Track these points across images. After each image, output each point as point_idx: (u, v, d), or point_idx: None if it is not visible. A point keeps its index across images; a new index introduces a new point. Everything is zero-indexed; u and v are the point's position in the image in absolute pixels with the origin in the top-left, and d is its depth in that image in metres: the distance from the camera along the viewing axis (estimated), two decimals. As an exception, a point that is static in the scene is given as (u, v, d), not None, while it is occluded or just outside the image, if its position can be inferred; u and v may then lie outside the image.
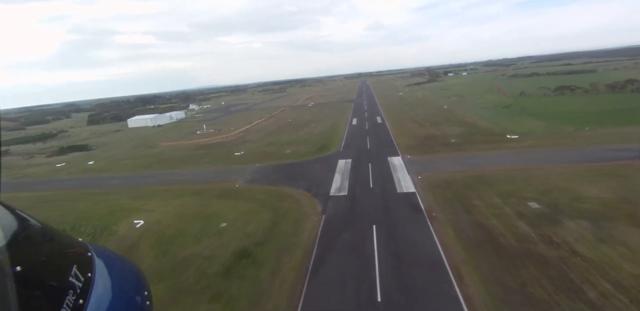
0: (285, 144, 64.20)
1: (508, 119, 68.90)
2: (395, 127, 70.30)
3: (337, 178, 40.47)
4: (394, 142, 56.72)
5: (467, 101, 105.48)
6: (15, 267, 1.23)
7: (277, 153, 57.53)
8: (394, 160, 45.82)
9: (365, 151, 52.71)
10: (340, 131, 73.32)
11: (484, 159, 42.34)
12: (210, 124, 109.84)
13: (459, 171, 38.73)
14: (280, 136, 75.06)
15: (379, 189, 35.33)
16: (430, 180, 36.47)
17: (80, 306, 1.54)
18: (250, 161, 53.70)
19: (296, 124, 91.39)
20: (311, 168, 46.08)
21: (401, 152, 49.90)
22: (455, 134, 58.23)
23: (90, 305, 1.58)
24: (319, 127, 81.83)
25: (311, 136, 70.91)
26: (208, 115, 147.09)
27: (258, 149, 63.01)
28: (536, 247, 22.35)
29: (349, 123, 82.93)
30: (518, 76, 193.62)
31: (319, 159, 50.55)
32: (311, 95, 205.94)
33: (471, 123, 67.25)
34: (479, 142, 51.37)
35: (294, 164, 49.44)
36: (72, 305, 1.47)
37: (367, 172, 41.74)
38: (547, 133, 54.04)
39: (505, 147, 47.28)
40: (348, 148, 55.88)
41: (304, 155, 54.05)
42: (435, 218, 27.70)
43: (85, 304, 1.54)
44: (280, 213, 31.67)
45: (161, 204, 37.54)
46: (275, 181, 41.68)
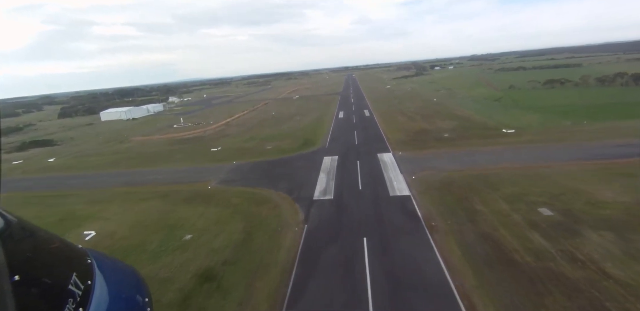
0: (267, 139, 59.44)
1: (501, 112, 65.86)
2: (385, 121, 66.34)
3: (322, 178, 36.21)
4: (383, 137, 52.75)
5: (456, 94, 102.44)
6: (13, 276, 1.21)
7: (258, 149, 52.80)
8: (384, 157, 41.83)
9: (353, 147, 48.55)
10: (326, 124, 68.92)
11: (483, 156, 38.77)
12: (189, 118, 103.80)
13: (456, 169, 35.01)
14: (261, 130, 70.14)
15: (369, 192, 31.27)
16: (425, 181, 32.62)
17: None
18: (228, 158, 48.85)
19: (279, 117, 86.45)
20: (294, 166, 41.66)
21: (392, 148, 45.96)
22: (449, 129, 54.65)
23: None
24: (303, 120, 77.17)
25: (295, 130, 66.27)
26: (188, 108, 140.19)
27: (237, 144, 58.07)
28: (558, 266, 18.70)
29: (335, 116, 78.56)
30: (504, 69, 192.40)
31: (303, 156, 46.14)
32: (296, 88, 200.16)
33: (463, 117, 63.87)
34: (474, 137, 47.87)
35: (275, 161, 44.88)
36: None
37: (356, 171, 37.63)
38: (544, 127, 51.01)
39: (503, 143, 43.89)
40: (334, 144, 51.61)
41: (286, 151, 49.50)
42: (436, 228, 23.82)
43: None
44: (256, 222, 27.25)
45: (120, 210, 32.54)
46: (253, 182, 37.13)
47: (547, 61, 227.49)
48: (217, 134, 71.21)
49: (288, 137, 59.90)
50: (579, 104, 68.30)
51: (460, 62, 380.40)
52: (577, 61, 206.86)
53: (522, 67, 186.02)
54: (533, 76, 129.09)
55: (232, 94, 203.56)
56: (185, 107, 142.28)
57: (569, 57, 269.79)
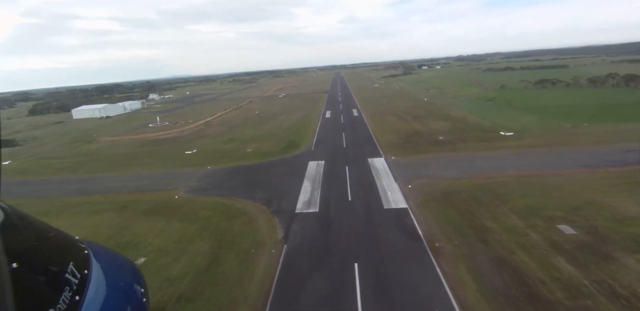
0: (248, 141, 54.75)
1: (496, 113, 62.84)
2: (374, 122, 62.46)
3: (306, 186, 31.91)
4: (374, 140, 48.79)
5: (447, 93, 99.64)
6: (11, 264, 1.23)
7: (237, 152, 48.09)
8: (375, 162, 37.82)
9: (341, 150, 44.40)
10: (312, 125, 64.60)
11: (484, 162, 35.17)
12: (167, 116, 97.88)
13: (457, 177, 31.25)
14: (243, 130, 65.31)
15: (360, 204, 27.15)
16: (424, 191, 28.70)
17: (76, 303, 1.54)
18: (203, 161, 44.03)
19: (263, 116, 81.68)
20: (275, 172, 37.22)
21: (384, 152, 42.00)
22: (443, 130, 51.10)
23: (87, 302, 1.57)
24: (288, 120, 72.63)
25: (279, 130, 61.73)
26: (168, 105, 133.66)
27: (215, 146, 53.18)
28: (598, 305, 14.95)
29: (322, 116, 74.32)
30: (492, 70, 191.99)
31: (286, 161, 41.73)
32: (283, 86, 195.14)
33: (458, 117, 60.56)
34: (471, 140, 44.38)
35: (255, 166, 40.34)
36: (68, 301, 1.46)
37: (344, 178, 33.47)
38: (545, 130, 47.95)
39: (504, 147, 40.48)
40: (321, 146, 47.35)
41: (268, 155, 44.99)
42: (441, 250, 19.85)
43: (81, 300, 1.53)
44: (226, 241, 22.78)
45: (67, 225, 27.45)
46: (227, 191, 32.54)
47: (532, 62, 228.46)
48: (195, 134, 66.02)
49: (271, 138, 55.34)
50: (575, 104, 65.95)
51: (447, 62, 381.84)
52: (562, 62, 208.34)
53: (510, 68, 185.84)
54: (522, 76, 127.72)
55: (217, 91, 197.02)
56: (165, 105, 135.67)
57: (553, 58, 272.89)
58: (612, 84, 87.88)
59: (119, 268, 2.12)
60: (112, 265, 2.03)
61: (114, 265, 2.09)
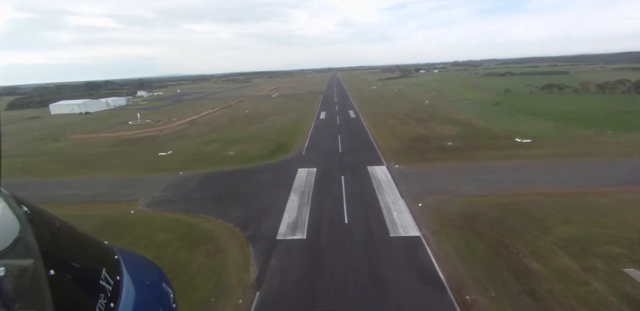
0: (232, 142, 48.77)
1: (505, 117, 57.72)
2: (373, 124, 56.89)
3: (292, 201, 26.10)
4: (373, 144, 43.15)
5: (448, 96, 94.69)
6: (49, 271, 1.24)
7: (217, 155, 42.09)
8: (376, 172, 32.15)
9: (336, 156, 38.67)
10: (305, 126, 58.82)
11: (506, 175, 29.72)
12: (151, 113, 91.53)
13: (477, 194, 25.68)
14: (229, 130, 59.29)
15: (360, 229, 21.39)
16: (439, 211, 23.07)
17: (111, 310, 1.54)
18: (176, 165, 37.99)
19: (253, 116, 75.71)
20: (257, 181, 31.33)
21: (385, 158, 36.38)
22: (451, 136, 45.66)
23: (121, 308, 1.58)
24: (279, 121, 66.77)
25: (268, 131, 55.85)
26: (155, 103, 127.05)
27: (194, 148, 47.10)
28: None
29: (316, 117, 68.58)
30: (492, 74, 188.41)
31: (272, 167, 35.87)
32: (277, 86, 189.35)
33: (464, 121, 55.25)
34: (485, 148, 38.98)
35: (235, 173, 34.41)
36: (104, 308, 1.47)
37: (340, 192, 27.72)
38: (565, 137, 42.76)
39: (524, 156, 35.10)
40: (313, 151, 41.58)
41: (251, 159, 39.08)
42: (475, 308, 14.16)
43: (116, 307, 1.54)
44: (179, 284, 16.78)
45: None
46: (196, 205, 26.59)
47: (531, 68, 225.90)
48: (176, 134, 59.83)
49: (258, 140, 49.43)
50: (589, 110, 61.06)
51: (444, 66, 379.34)
52: (561, 69, 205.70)
53: (510, 73, 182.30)
54: (524, 81, 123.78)
55: (208, 90, 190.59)
56: (152, 102, 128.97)
57: (552, 65, 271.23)
58: (622, 90, 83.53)
59: (147, 272, 2.03)
60: (142, 271, 1.95)
61: (144, 270, 2.01)
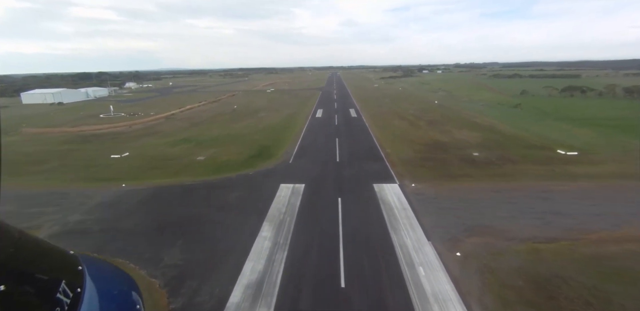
0: (206, 143, 39.98)
1: (532, 122, 49.15)
2: (378, 126, 48.19)
3: (263, 238, 17.37)
4: (380, 152, 34.48)
5: (459, 96, 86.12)
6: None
7: (182, 160, 33.27)
8: (386, 192, 23.47)
9: (332, 167, 29.95)
10: (297, 126, 50.03)
11: (569, 203, 21.14)
12: (130, 106, 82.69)
13: (542, 236, 17.10)
14: (208, 128, 50.41)
15: (364, 300, 12.69)
16: (492, 270, 14.42)
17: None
18: (123, 174, 29.20)
19: (241, 112, 66.77)
20: (220, 204, 22.54)
21: (397, 173, 27.69)
22: (475, 143, 37.06)
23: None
24: (268, 118, 57.93)
25: (252, 131, 47.03)
26: (140, 95, 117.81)
27: (158, 149, 38.24)
28: None
29: (312, 115, 59.77)
30: (499, 76, 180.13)
31: (246, 180, 27.07)
32: (274, 81, 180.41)
33: (486, 126, 46.64)
34: (523, 161, 30.38)
35: (194, 188, 25.58)
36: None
37: (334, 227, 18.99)
38: (615, 149, 34.25)
39: (580, 175, 26.52)
40: (304, 158, 32.84)
41: (223, 168, 30.30)
42: None
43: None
44: None
45: None
46: (118, 240, 17.80)
47: (538, 71, 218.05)
48: (145, 130, 50.88)
49: (238, 142, 40.62)
50: (626, 116, 52.62)
51: (447, 68, 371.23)
52: (570, 72, 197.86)
53: (518, 75, 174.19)
54: (537, 83, 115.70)
55: (202, 83, 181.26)
56: (137, 94, 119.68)
57: (559, 69, 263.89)
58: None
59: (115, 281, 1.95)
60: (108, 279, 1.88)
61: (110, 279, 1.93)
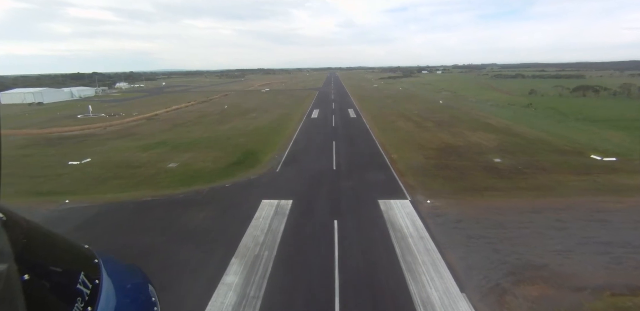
0: (184, 147, 34.79)
1: (555, 123, 44.20)
2: (380, 128, 43.10)
3: (225, 288, 12.17)
4: (384, 158, 29.35)
5: (464, 96, 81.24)
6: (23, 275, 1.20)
7: (150, 168, 28.05)
8: (396, 213, 18.32)
9: (327, 177, 24.79)
10: (290, 128, 44.89)
11: (632, 229, 16.06)
12: (114, 106, 77.66)
13: (624, 284, 11.97)
14: (190, 130, 45.21)
15: None
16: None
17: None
18: (73, 185, 23.99)
19: (230, 112, 61.62)
20: (177, 230, 17.30)
21: (407, 185, 22.54)
22: (493, 147, 32.01)
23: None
24: (259, 119, 52.79)
25: (239, 133, 41.87)
26: (128, 95, 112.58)
27: (127, 153, 33.01)
28: None
29: (307, 116, 54.68)
30: (501, 76, 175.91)
31: (219, 195, 21.82)
32: (270, 82, 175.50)
33: (501, 127, 41.63)
34: (557, 170, 25.30)
35: (152, 206, 20.35)
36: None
37: (329, 264, 13.82)
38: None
39: (632, 188, 21.44)
40: (293, 166, 27.65)
41: (195, 178, 25.09)
42: None
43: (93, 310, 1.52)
44: None
45: None
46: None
47: (540, 72, 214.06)
48: (120, 132, 45.64)
49: (221, 145, 35.45)
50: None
51: (447, 68, 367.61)
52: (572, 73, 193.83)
53: (521, 75, 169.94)
54: (543, 83, 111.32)
55: (196, 83, 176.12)
56: (126, 94, 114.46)
57: (560, 70, 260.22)
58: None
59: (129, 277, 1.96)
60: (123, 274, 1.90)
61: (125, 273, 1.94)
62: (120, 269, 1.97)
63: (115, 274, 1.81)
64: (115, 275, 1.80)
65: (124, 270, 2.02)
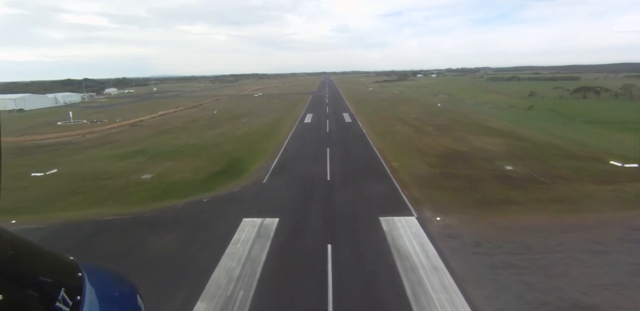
0: (164, 156, 31.76)
1: (561, 126, 41.80)
2: (378, 133, 40.39)
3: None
4: (383, 166, 26.52)
5: (462, 99, 79.08)
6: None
7: (121, 179, 24.98)
8: (400, 233, 15.44)
9: (320, 189, 21.90)
10: (281, 134, 42.04)
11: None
12: (98, 112, 74.61)
13: None
14: (175, 137, 42.19)
15: None
16: None
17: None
18: (28, 201, 20.87)
19: (219, 118, 58.69)
20: (138, 254, 14.29)
21: (411, 198, 19.68)
22: (501, 153, 29.36)
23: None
24: (250, 124, 49.91)
25: (227, 139, 38.94)
26: (117, 100, 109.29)
27: (98, 163, 29.90)
28: None
29: (300, 120, 51.90)
30: (497, 79, 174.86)
31: (195, 210, 18.79)
32: (264, 86, 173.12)
33: (506, 131, 39.13)
34: (576, 178, 22.63)
35: (113, 226, 17.30)
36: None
37: (321, 306, 10.86)
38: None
39: (668, 199, 18.79)
40: (282, 177, 24.71)
41: (170, 191, 22.06)
42: None
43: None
44: None
45: None
46: None
47: (535, 75, 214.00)
48: (99, 139, 42.51)
49: (205, 153, 32.48)
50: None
51: (441, 72, 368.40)
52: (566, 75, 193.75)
53: (517, 78, 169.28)
54: (539, 86, 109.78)
55: (188, 88, 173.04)
56: (113, 100, 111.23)
57: (554, 72, 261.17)
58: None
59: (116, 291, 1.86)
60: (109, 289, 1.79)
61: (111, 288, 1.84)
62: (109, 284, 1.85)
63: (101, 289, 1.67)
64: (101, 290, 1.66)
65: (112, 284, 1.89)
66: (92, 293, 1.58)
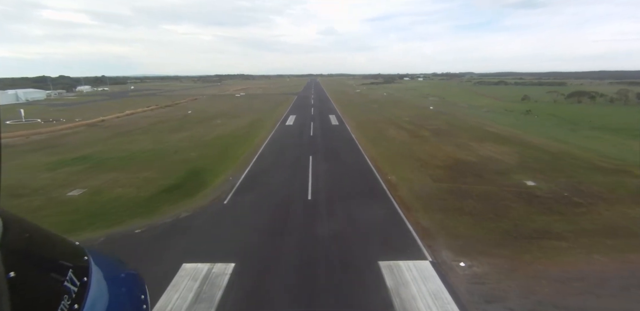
0: (111, 163, 26.01)
1: (569, 133, 38.01)
2: (369, 138, 35.56)
3: None
4: (378, 181, 21.55)
5: (454, 102, 75.44)
6: (9, 273, 1.20)
7: (40, 197, 19.21)
8: (411, 292, 10.41)
9: (298, 213, 16.75)
10: (259, 137, 36.73)
11: None
12: (59, 111, 67.83)
13: None
14: (134, 140, 36.32)
15: None
16: None
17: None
18: None
19: (192, 119, 52.83)
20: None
21: (419, 229, 14.74)
22: (515, 164, 24.86)
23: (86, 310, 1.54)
24: (224, 126, 44.34)
25: (193, 144, 33.35)
26: (86, 98, 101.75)
27: (24, 173, 23.89)
28: None
29: (281, 123, 46.64)
30: (484, 83, 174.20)
31: (120, 247, 13.34)
32: (248, 86, 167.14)
33: (511, 137, 34.93)
34: (616, 198, 18.20)
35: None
36: (67, 310, 1.43)
37: None
38: None
39: None
40: (250, 194, 19.42)
41: (100, 215, 16.50)
42: None
43: (80, 309, 1.50)
44: None
45: None
46: None
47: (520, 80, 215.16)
48: (43, 142, 36.28)
49: (160, 161, 26.86)
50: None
51: (428, 76, 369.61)
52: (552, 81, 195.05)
53: (504, 82, 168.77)
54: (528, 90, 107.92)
55: (168, 88, 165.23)
56: (83, 97, 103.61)
57: (538, 78, 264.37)
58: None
59: (119, 275, 1.94)
60: (113, 272, 1.86)
61: (115, 271, 1.92)
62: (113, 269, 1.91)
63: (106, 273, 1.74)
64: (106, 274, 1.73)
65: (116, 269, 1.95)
66: (98, 274, 1.64)
